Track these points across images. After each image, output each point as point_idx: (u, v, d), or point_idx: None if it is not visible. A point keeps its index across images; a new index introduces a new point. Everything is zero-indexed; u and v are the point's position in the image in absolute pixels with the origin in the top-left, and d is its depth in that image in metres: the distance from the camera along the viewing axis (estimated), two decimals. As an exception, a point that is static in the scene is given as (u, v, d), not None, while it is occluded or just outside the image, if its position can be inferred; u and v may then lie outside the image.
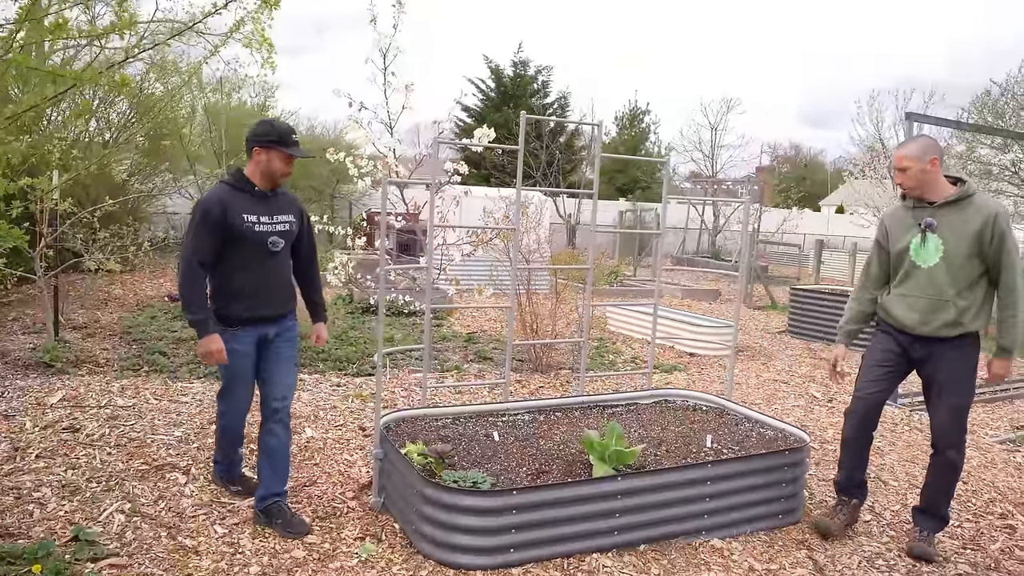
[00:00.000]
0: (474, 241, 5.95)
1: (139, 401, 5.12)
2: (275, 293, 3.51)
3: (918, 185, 3.52)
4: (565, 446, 3.93)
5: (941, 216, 3.51)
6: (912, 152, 3.50)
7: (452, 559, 3.18)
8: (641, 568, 3.32)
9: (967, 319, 3.48)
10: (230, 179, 3.47)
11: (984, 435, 5.89)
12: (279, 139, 3.39)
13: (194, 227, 3.33)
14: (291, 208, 3.57)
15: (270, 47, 9.49)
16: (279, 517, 3.46)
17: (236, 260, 3.38)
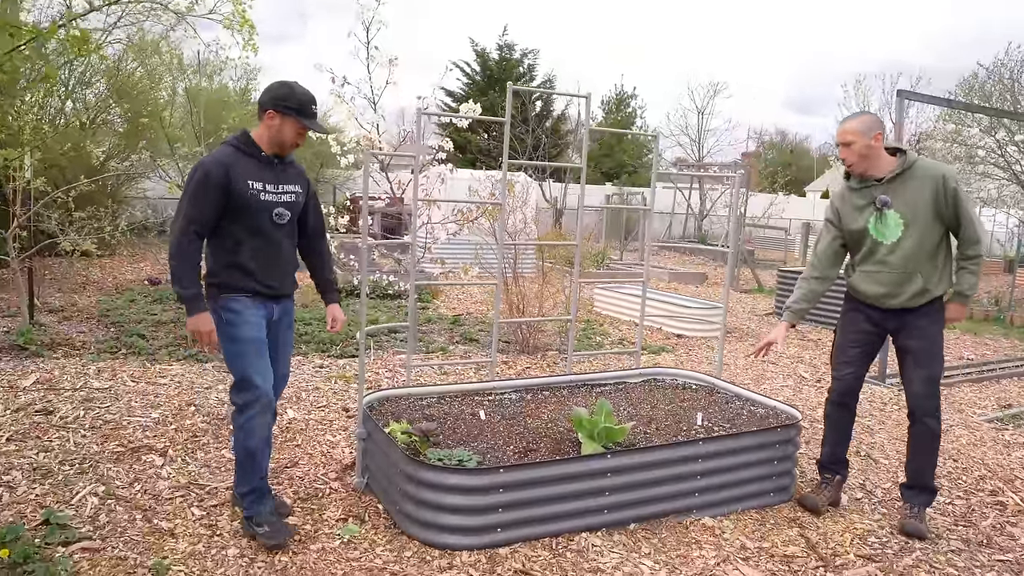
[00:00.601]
0: (460, 220, 5.84)
1: (116, 383, 4.99)
2: (280, 270, 3.19)
3: (861, 160, 3.46)
4: (553, 424, 3.85)
5: (892, 190, 3.47)
6: (856, 127, 3.43)
7: (438, 539, 3.09)
8: (631, 547, 3.25)
9: (932, 284, 3.50)
10: (235, 141, 3.12)
11: (972, 414, 5.86)
12: (298, 108, 3.07)
13: (192, 191, 2.97)
14: (298, 179, 3.25)
15: (251, 28, 9.28)
16: None
17: (237, 232, 3.05)
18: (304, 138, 3.17)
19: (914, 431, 3.67)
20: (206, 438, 4.17)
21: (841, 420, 3.83)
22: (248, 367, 3.06)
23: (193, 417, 4.45)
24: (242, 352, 3.06)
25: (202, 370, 5.50)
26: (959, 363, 7.79)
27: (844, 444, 3.88)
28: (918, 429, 3.64)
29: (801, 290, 3.82)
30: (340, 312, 3.46)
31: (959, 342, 9.12)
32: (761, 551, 3.34)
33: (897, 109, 6.61)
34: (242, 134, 3.14)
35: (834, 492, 3.84)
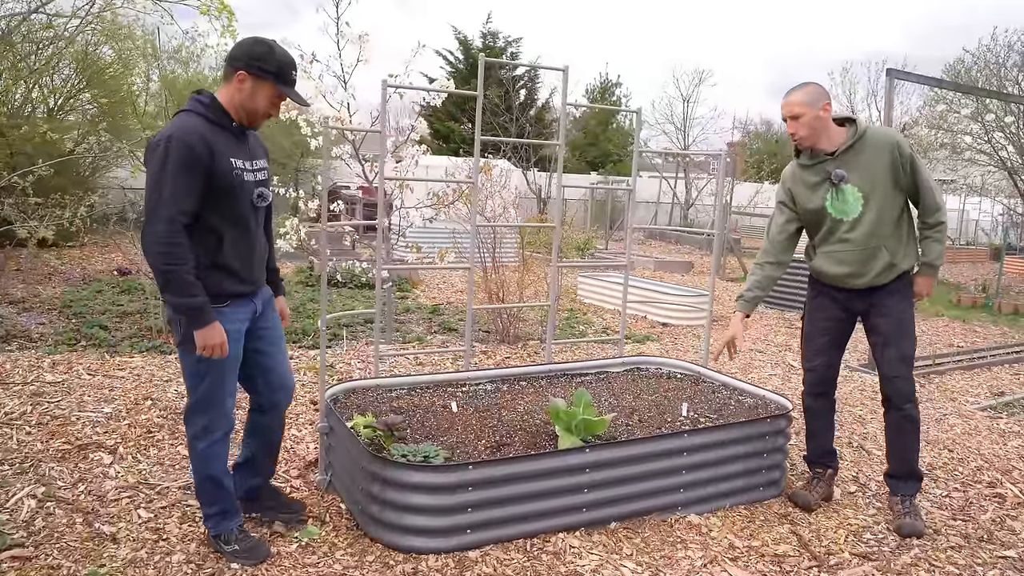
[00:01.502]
0: (435, 204, 5.59)
1: (70, 377, 4.72)
2: (258, 261, 2.76)
3: (811, 134, 3.23)
4: (529, 416, 3.62)
5: (846, 163, 3.25)
6: (803, 98, 3.20)
7: (402, 542, 2.86)
8: (612, 547, 3.03)
9: (899, 258, 3.32)
10: (201, 108, 2.53)
11: (965, 402, 5.70)
12: (277, 71, 2.56)
13: (170, 172, 2.38)
14: (262, 152, 2.78)
15: (230, 14, 8.96)
16: (271, 499, 3.10)
17: (218, 223, 2.53)
18: (278, 110, 2.69)
19: (890, 419, 3.47)
20: (161, 433, 3.91)
21: (821, 410, 3.63)
22: (223, 387, 2.66)
23: (149, 412, 4.19)
24: (212, 371, 2.61)
25: (164, 361, 5.23)
26: (950, 350, 7.64)
27: (829, 434, 3.68)
28: (894, 417, 3.44)
29: (755, 277, 3.62)
30: (285, 306, 3.08)
31: (948, 329, 8.99)
32: (751, 550, 3.13)
33: (887, 89, 6.41)
34: (209, 99, 2.56)
35: (826, 487, 3.64)
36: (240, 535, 2.80)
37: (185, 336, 2.57)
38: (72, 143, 9.08)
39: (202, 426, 2.68)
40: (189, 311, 2.47)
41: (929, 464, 4.28)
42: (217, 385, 2.65)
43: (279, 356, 2.93)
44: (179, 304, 2.46)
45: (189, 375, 2.65)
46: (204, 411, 2.67)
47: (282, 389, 2.95)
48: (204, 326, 2.48)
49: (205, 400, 2.65)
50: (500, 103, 16.66)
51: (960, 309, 10.76)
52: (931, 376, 6.46)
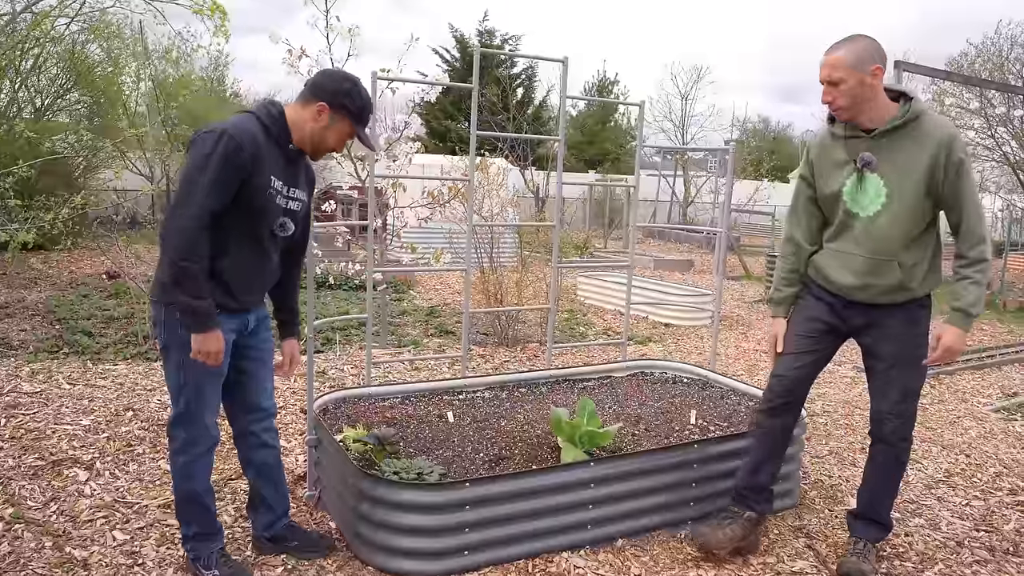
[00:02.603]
0: (430, 203, 5.39)
1: (49, 387, 4.52)
2: (261, 287, 2.61)
3: (853, 104, 2.57)
4: (530, 427, 3.43)
5: (882, 148, 2.62)
6: (848, 58, 2.52)
7: (395, 565, 2.67)
8: (619, 567, 2.84)
9: (916, 281, 2.70)
10: (266, 117, 2.41)
11: (977, 404, 5.53)
12: (359, 112, 2.47)
13: (213, 165, 2.25)
14: (307, 183, 2.63)
15: (223, 14, 8.75)
16: (294, 539, 2.82)
17: (225, 234, 2.36)
18: (344, 147, 2.63)
19: (876, 453, 2.91)
20: (142, 447, 3.72)
21: (772, 432, 2.93)
22: (201, 401, 2.48)
23: (130, 424, 3.99)
24: (194, 382, 2.45)
25: (149, 369, 5.03)
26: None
27: (770, 466, 2.97)
28: (882, 452, 2.89)
29: (781, 272, 2.98)
30: (297, 350, 2.79)
31: (955, 327, 8.80)
32: (766, 567, 2.95)
33: (895, 82, 6.23)
34: (278, 112, 2.43)
35: (743, 531, 2.92)
36: (221, 559, 2.61)
37: (169, 341, 2.41)
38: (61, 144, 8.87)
39: (183, 439, 2.50)
40: (195, 313, 2.31)
41: (946, 470, 4.10)
42: (201, 396, 2.47)
43: (261, 378, 2.71)
44: (187, 304, 2.30)
45: (173, 384, 2.49)
46: (186, 424, 2.49)
47: (253, 411, 2.72)
48: (205, 331, 2.33)
49: (188, 412, 2.48)
50: (497, 102, 16.44)
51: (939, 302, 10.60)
52: (941, 377, 6.28)
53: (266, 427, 2.76)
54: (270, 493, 2.79)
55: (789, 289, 2.98)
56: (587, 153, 29.01)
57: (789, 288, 2.98)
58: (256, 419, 2.72)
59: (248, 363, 2.64)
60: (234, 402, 2.68)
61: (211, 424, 2.53)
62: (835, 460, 4.14)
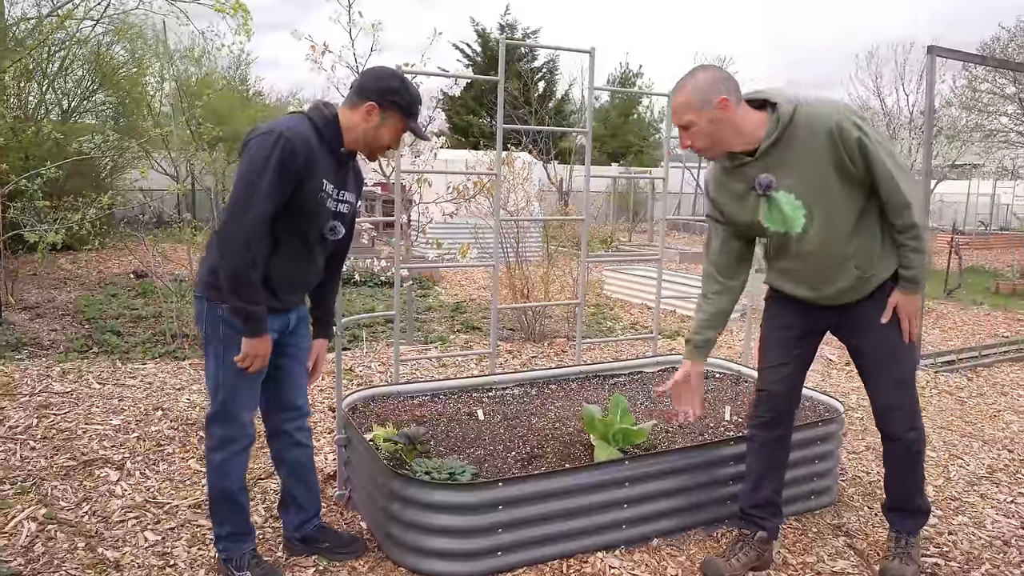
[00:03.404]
0: (456, 198, 5.35)
1: (79, 386, 4.54)
2: (304, 288, 2.62)
3: (713, 143, 2.45)
4: (561, 424, 3.37)
5: (773, 164, 2.45)
6: (688, 100, 2.38)
7: (426, 566, 2.63)
8: (655, 567, 2.78)
9: (873, 267, 2.55)
10: (319, 119, 2.40)
11: (1018, 396, 5.39)
12: (408, 106, 2.45)
13: (268, 168, 2.23)
14: (356, 186, 2.64)
15: (245, 13, 8.77)
16: (325, 540, 2.79)
17: (279, 233, 2.37)
18: (399, 143, 2.61)
19: (887, 449, 2.78)
20: (172, 447, 3.72)
21: (768, 446, 2.83)
22: (238, 399, 2.48)
23: (159, 423, 3.99)
24: (234, 380, 2.45)
25: (177, 368, 5.05)
26: (995, 340, 7.29)
27: (772, 479, 2.86)
28: (894, 448, 2.76)
29: (702, 314, 2.77)
30: (324, 352, 2.79)
31: (990, 318, 8.63)
32: (805, 567, 2.87)
33: (928, 68, 6.05)
34: (331, 114, 2.42)
35: (754, 553, 2.79)
36: (253, 560, 2.59)
37: (212, 336, 2.43)
38: (88, 145, 8.97)
39: (220, 437, 2.51)
40: (251, 318, 2.32)
41: (989, 466, 3.99)
42: (238, 394, 2.48)
43: (297, 376, 2.71)
44: (241, 308, 2.30)
45: (210, 380, 2.49)
46: (223, 421, 2.50)
47: (288, 410, 2.71)
48: (256, 336, 2.34)
49: (224, 410, 2.49)
50: (519, 95, 16.36)
51: (1000, 297, 10.37)
52: (978, 369, 6.13)
53: (299, 426, 2.74)
54: (301, 493, 2.77)
55: (710, 332, 2.78)
56: (610, 146, 28.82)
57: (710, 331, 2.78)
58: (290, 418, 2.71)
59: (286, 360, 2.63)
60: (269, 400, 2.66)
61: (248, 422, 2.53)
62: (872, 456, 4.04)
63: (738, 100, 2.42)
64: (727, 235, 2.72)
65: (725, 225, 2.70)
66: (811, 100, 2.46)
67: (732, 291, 2.78)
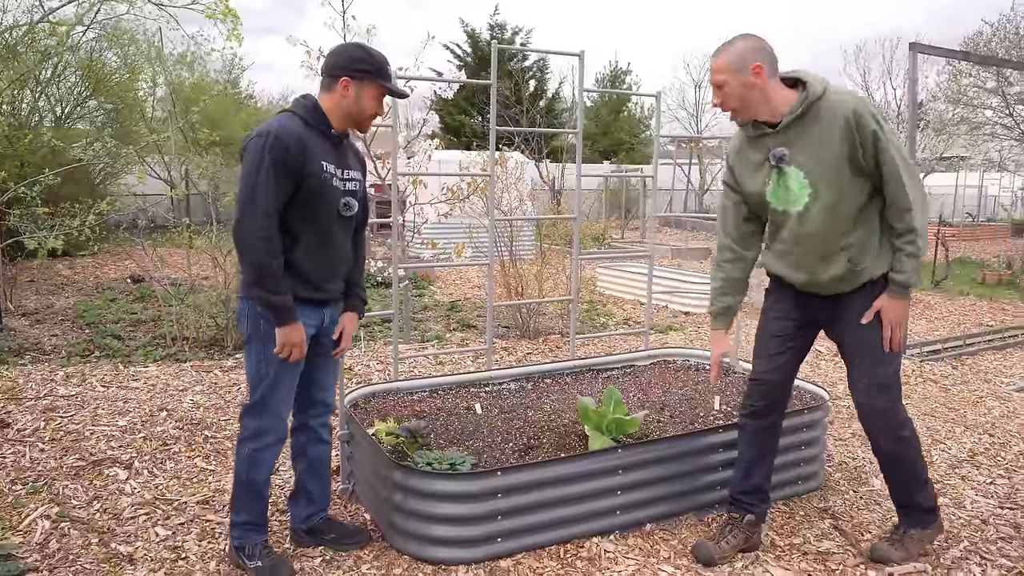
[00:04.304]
0: (450, 198, 5.45)
1: (84, 390, 4.63)
2: (336, 271, 2.71)
3: (742, 105, 2.58)
4: (556, 416, 3.49)
5: (791, 139, 2.56)
6: (727, 62, 2.54)
7: (430, 553, 2.74)
8: (648, 551, 2.90)
9: (866, 261, 2.62)
10: (302, 110, 2.54)
11: (1000, 383, 5.53)
12: (378, 69, 2.56)
13: (266, 166, 2.38)
14: (358, 163, 2.76)
15: (235, 18, 8.85)
16: (331, 531, 2.90)
17: (296, 224, 2.51)
18: (382, 107, 2.69)
19: (872, 445, 2.86)
20: (178, 446, 3.81)
21: (759, 435, 2.92)
22: (277, 394, 2.59)
23: (165, 424, 4.09)
24: (274, 374, 2.56)
25: (179, 370, 5.14)
26: (979, 330, 7.45)
27: (762, 467, 2.95)
28: (878, 451, 2.84)
29: (716, 282, 2.91)
30: (354, 324, 2.87)
31: (975, 308, 8.79)
32: (793, 548, 2.99)
33: (911, 64, 6.21)
34: (312, 103, 2.56)
35: (745, 534, 2.90)
36: (264, 551, 2.69)
37: (252, 334, 2.55)
38: (80, 151, 9.02)
39: (255, 428, 2.61)
40: (277, 308, 2.45)
41: (970, 450, 4.12)
42: (277, 388, 2.59)
43: (326, 373, 2.83)
44: (268, 300, 2.44)
45: (252, 375, 2.60)
46: (259, 413, 2.61)
47: (315, 406, 2.84)
48: (287, 324, 2.47)
49: (263, 402, 2.60)
50: (510, 95, 16.47)
51: (985, 287, 10.54)
52: (963, 358, 6.28)
53: (323, 422, 2.87)
54: (316, 488, 2.88)
55: (726, 299, 2.91)
56: (601, 144, 28.94)
57: (726, 298, 2.91)
58: (316, 413, 2.84)
59: (317, 358, 2.75)
60: (298, 395, 2.76)
61: (284, 417, 2.65)
62: (858, 442, 4.17)
63: (772, 72, 2.56)
64: (739, 203, 2.82)
65: (737, 193, 2.81)
66: (841, 88, 2.58)
67: (745, 261, 2.88)
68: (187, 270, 6.61)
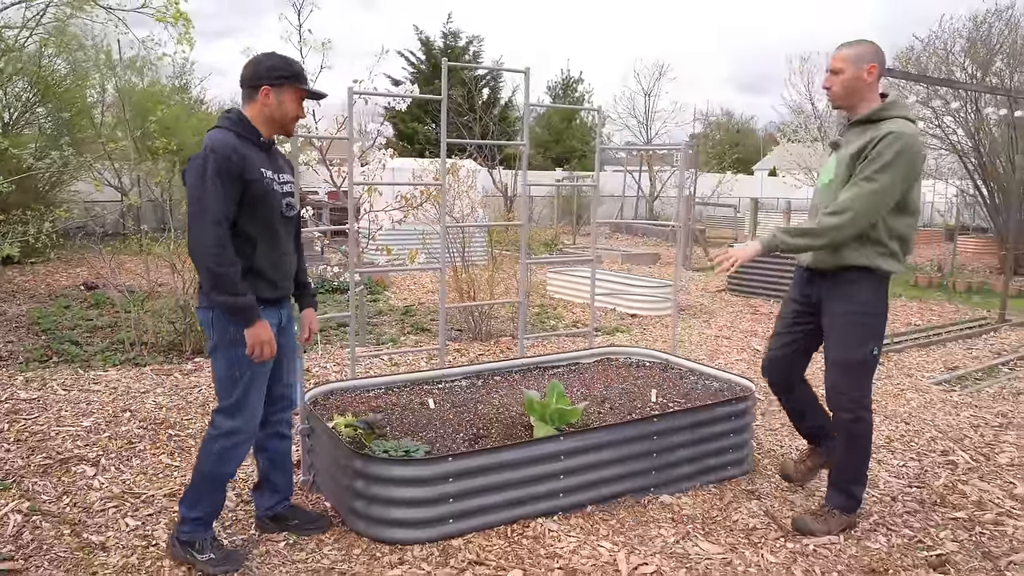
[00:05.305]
0: (403, 206, 5.67)
1: (45, 393, 4.73)
2: (288, 270, 2.89)
3: (845, 94, 3.02)
4: (505, 409, 3.74)
5: (849, 134, 3.09)
6: (848, 54, 3.00)
7: (387, 534, 2.96)
8: (589, 530, 3.17)
9: (846, 247, 3.01)
10: (230, 124, 2.70)
11: (921, 378, 5.94)
12: (295, 74, 2.73)
13: (210, 177, 2.54)
14: (287, 166, 2.95)
15: (187, 22, 8.89)
16: (295, 517, 3.10)
17: (251, 230, 2.68)
18: (303, 109, 2.84)
19: (833, 425, 3.28)
20: (143, 444, 3.96)
21: (785, 406, 3.50)
22: (252, 394, 2.75)
23: (129, 423, 4.23)
24: (247, 376, 2.72)
25: (139, 374, 5.25)
26: (907, 329, 7.91)
27: (806, 422, 3.50)
28: (835, 423, 3.24)
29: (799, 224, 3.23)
30: (315, 319, 3.10)
31: (906, 309, 9.28)
32: (720, 525, 3.29)
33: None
34: (236, 116, 2.73)
35: (818, 458, 3.54)
36: (214, 543, 2.82)
37: (220, 340, 2.68)
38: (31, 157, 8.97)
39: (229, 428, 2.75)
40: (241, 311, 2.60)
41: (887, 437, 4.48)
42: (252, 389, 2.74)
43: (286, 371, 3.01)
44: (231, 304, 2.58)
45: (223, 380, 2.73)
46: (235, 415, 2.74)
47: (276, 402, 3.00)
48: (254, 324, 2.62)
49: (238, 404, 2.73)
50: (464, 103, 16.70)
51: (917, 289, 11.11)
52: (889, 354, 6.70)
53: (284, 418, 3.06)
54: (279, 478, 3.08)
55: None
56: (553, 151, 29.40)
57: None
58: (278, 409, 3.02)
59: (279, 354, 2.89)
60: None
61: (258, 415, 2.81)
62: (787, 432, 4.49)
63: (878, 76, 3.01)
64: None
65: None
66: (906, 119, 2.99)
67: None
68: (145, 276, 6.69)
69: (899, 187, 2.93)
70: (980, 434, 4.55)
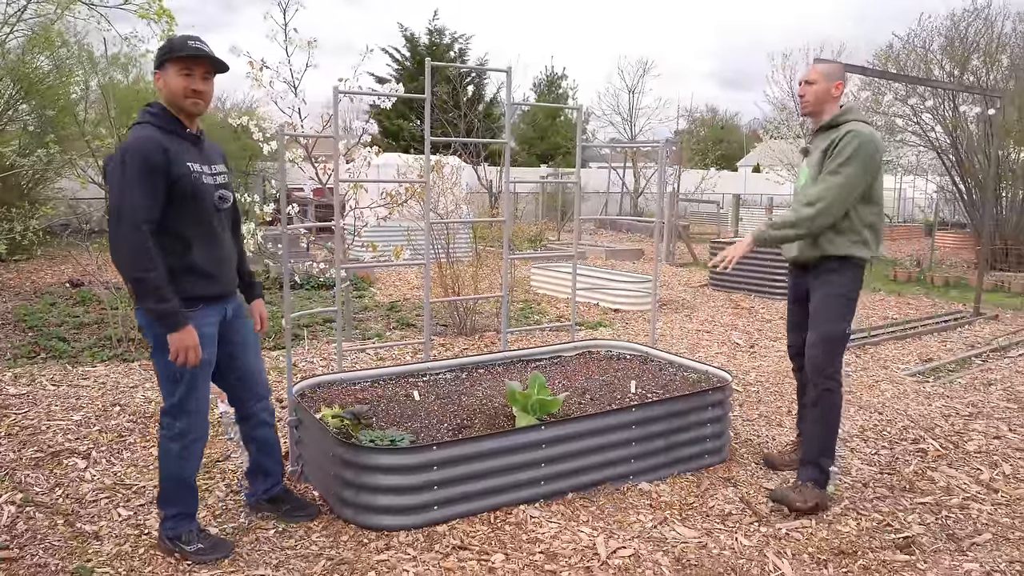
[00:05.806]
0: (388, 203, 5.75)
1: (34, 388, 4.78)
2: (228, 264, 2.86)
3: (816, 102, 3.43)
4: (488, 400, 3.84)
5: (815, 140, 3.51)
6: (823, 69, 3.45)
7: (374, 521, 3.06)
8: (570, 516, 3.27)
9: (824, 240, 3.39)
10: (151, 118, 2.64)
11: (896, 369, 6.09)
12: (170, 49, 2.63)
13: (128, 179, 2.47)
14: (220, 157, 2.86)
15: (170, 18, 8.92)
16: (288, 502, 3.21)
17: (183, 226, 2.62)
18: (199, 81, 2.67)
19: (809, 392, 3.54)
20: (133, 437, 4.03)
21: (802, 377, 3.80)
22: (195, 394, 2.76)
23: (119, 417, 4.29)
24: (188, 376, 2.71)
25: (128, 369, 5.31)
26: (883, 322, 8.08)
27: None
28: (811, 391, 3.51)
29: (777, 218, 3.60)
30: (264, 309, 3.15)
31: (884, 303, 9.46)
32: (696, 511, 3.40)
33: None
34: (158, 109, 2.67)
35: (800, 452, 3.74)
36: (200, 534, 2.89)
37: (158, 342, 2.66)
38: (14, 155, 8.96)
39: (179, 429, 2.78)
40: (161, 316, 2.56)
41: (861, 426, 4.62)
42: (193, 390, 2.75)
43: (250, 362, 3.05)
44: (151, 309, 2.55)
45: (165, 380, 2.75)
46: (180, 415, 2.77)
47: (251, 394, 3.08)
48: (176, 330, 2.58)
49: (181, 405, 2.75)
50: (448, 100, 16.76)
51: (896, 283, 11.30)
52: (866, 347, 6.85)
53: (264, 407, 3.13)
54: (269, 464, 3.19)
55: None
56: (538, 148, 29.50)
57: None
58: (255, 399, 3.10)
59: (234, 348, 2.96)
60: (233, 388, 3.04)
61: (205, 414, 2.85)
62: (764, 422, 4.63)
63: (841, 93, 3.46)
64: None
65: None
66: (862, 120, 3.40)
67: None
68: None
69: (863, 178, 3.30)
70: (951, 423, 4.70)
